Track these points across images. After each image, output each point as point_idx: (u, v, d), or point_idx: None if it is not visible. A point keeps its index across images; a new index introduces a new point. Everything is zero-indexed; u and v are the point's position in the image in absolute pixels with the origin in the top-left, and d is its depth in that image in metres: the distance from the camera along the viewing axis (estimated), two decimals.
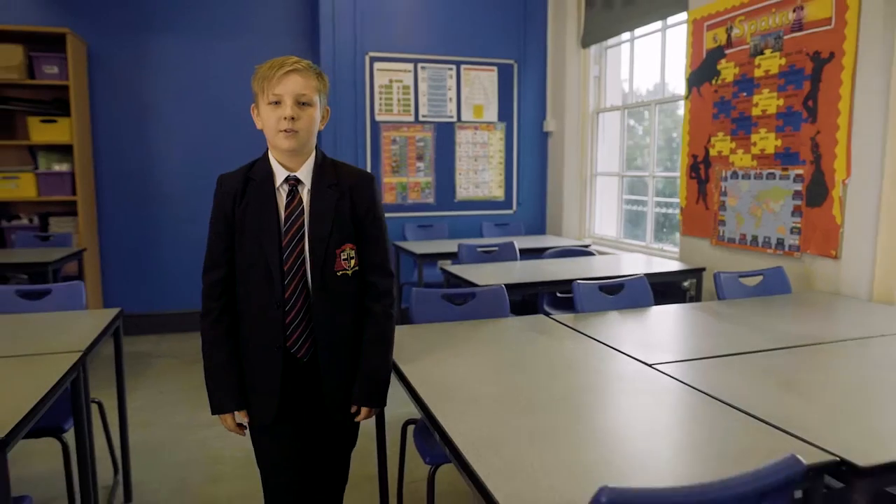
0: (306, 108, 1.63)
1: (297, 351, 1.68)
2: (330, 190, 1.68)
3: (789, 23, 3.17)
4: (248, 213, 1.66)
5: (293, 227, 1.65)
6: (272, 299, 1.65)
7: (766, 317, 2.40)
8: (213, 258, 1.70)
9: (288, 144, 1.63)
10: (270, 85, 1.61)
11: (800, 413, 1.43)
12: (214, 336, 1.70)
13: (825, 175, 3.02)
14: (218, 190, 1.72)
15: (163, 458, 3.07)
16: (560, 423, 1.40)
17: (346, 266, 1.69)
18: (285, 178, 1.68)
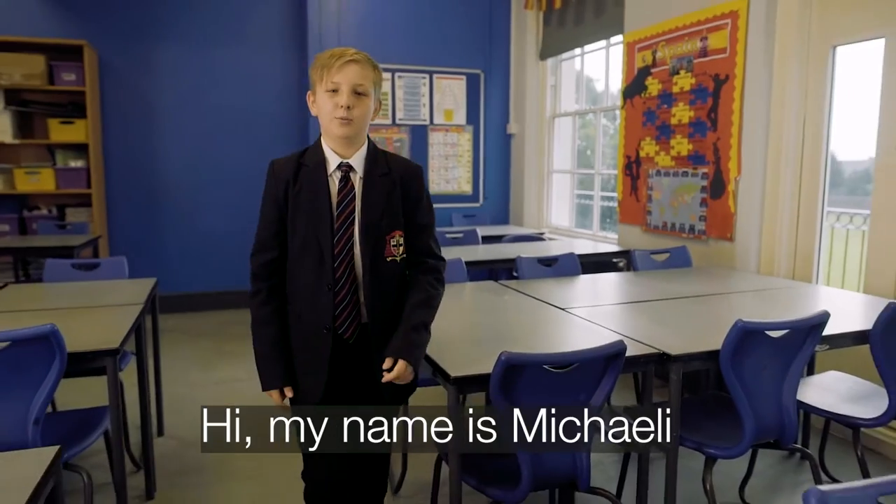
0: (362, 98, 1.68)
1: (345, 332, 1.73)
2: (382, 178, 1.75)
3: (698, 49, 3.91)
4: (301, 198, 1.71)
5: (344, 213, 1.70)
6: (323, 281, 1.70)
7: (662, 281, 3.13)
8: (263, 241, 1.76)
9: (342, 132, 1.68)
10: (330, 73, 1.65)
11: (656, 334, 2.15)
12: (263, 315, 1.75)
13: (723, 173, 3.77)
14: (270, 175, 1.76)
15: (183, 406, 3.69)
16: (496, 339, 2.09)
17: (395, 252, 1.75)
18: (338, 164, 1.72)
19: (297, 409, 1.76)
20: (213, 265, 5.88)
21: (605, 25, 5.04)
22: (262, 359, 1.76)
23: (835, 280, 3.44)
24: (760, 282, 3.15)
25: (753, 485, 2.69)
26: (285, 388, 1.74)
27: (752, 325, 1.87)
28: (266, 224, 1.76)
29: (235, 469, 2.96)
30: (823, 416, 2.36)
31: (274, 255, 1.75)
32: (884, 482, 0.91)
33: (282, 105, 6.01)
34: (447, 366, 1.77)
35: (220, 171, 5.88)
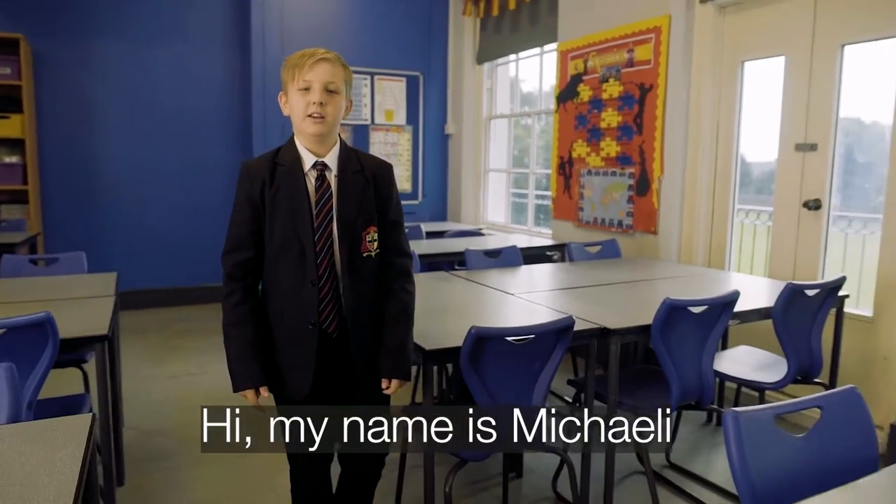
0: (334, 96, 1.71)
1: (328, 327, 1.76)
2: (355, 176, 1.78)
3: (625, 60, 4.28)
4: (279, 197, 1.73)
5: (323, 210, 1.74)
6: (307, 278, 1.73)
7: (595, 270, 3.47)
8: (238, 241, 1.76)
9: (315, 129, 1.70)
10: (302, 72, 1.68)
11: (595, 313, 2.45)
12: (239, 315, 1.76)
13: (648, 173, 4.16)
14: (244, 176, 1.76)
15: (140, 398, 3.78)
16: (456, 320, 2.35)
17: (370, 248, 1.79)
18: (313, 163, 1.75)
19: (284, 410, 1.76)
20: (154, 263, 5.89)
21: (539, 34, 5.38)
22: (237, 358, 1.76)
23: (744, 267, 3.87)
24: (681, 269, 3.53)
25: (678, 447, 3.07)
26: (261, 389, 1.75)
27: (678, 302, 2.20)
28: (240, 224, 1.76)
29: (199, 454, 3.08)
30: (735, 382, 2.74)
31: (250, 254, 1.76)
32: (778, 405, 1.22)
33: (223, 103, 6.07)
34: (420, 342, 2.00)
35: (161, 168, 5.88)
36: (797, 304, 2.55)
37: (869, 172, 3.33)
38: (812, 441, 1.23)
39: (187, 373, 4.29)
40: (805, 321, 2.62)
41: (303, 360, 1.76)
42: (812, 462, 1.20)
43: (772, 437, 1.19)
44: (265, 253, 1.78)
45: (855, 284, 3.24)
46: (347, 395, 1.82)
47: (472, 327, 1.88)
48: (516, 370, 2.01)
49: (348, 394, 1.82)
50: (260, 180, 1.74)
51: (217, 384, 4.03)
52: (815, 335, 2.64)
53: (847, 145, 3.33)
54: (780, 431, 1.20)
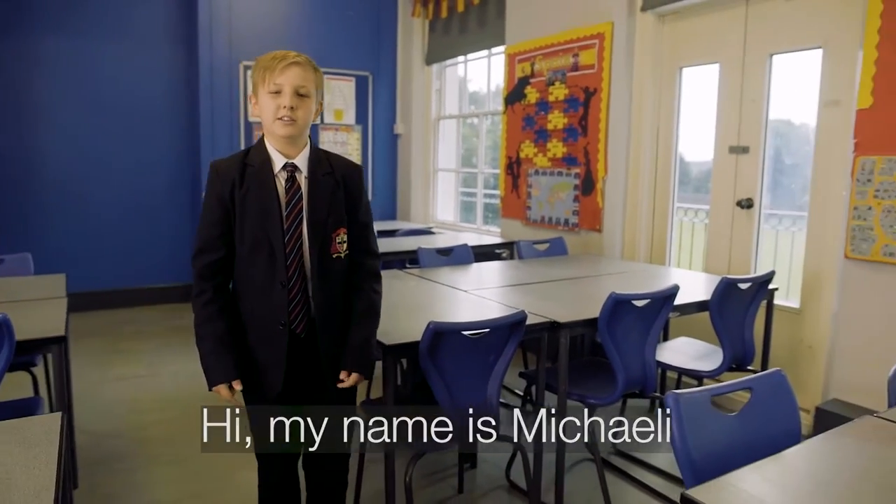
0: (304, 100, 1.72)
1: (297, 327, 1.78)
2: (326, 177, 1.79)
3: (570, 64, 4.44)
4: (249, 198, 1.73)
5: (293, 211, 1.75)
6: (277, 279, 1.74)
7: (544, 267, 3.60)
8: (208, 242, 1.76)
9: (285, 132, 1.71)
10: (273, 75, 1.69)
11: (545, 308, 2.57)
12: (209, 313, 1.76)
13: (592, 173, 4.32)
14: (213, 176, 1.76)
15: (89, 401, 3.72)
16: (412, 316, 2.43)
17: (339, 249, 1.81)
18: (283, 164, 1.76)
19: (254, 409, 1.80)
20: (100, 263, 5.76)
21: (487, 37, 5.50)
22: (209, 355, 1.75)
23: (683, 263, 4.08)
24: (624, 265, 3.70)
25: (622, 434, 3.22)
26: (233, 383, 1.75)
27: (623, 296, 2.34)
28: (210, 225, 1.76)
29: (156, 455, 3.09)
30: (676, 371, 2.91)
31: (220, 254, 1.76)
32: (713, 387, 1.35)
33: (170, 101, 5.98)
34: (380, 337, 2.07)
35: (105, 167, 5.76)
36: (732, 296, 2.72)
37: (795, 173, 3.56)
38: (744, 419, 1.36)
39: (137, 375, 4.23)
40: (739, 313, 2.80)
41: (274, 359, 1.77)
42: (744, 437, 1.33)
43: (708, 416, 1.31)
44: (236, 253, 1.78)
45: (784, 278, 3.47)
46: (315, 395, 1.83)
47: (431, 322, 1.97)
48: (472, 363, 2.10)
49: (316, 394, 1.83)
50: (230, 181, 1.74)
51: (168, 386, 4.00)
52: (748, 326, 2.83)
53: (776, 147, 3.56)
54: (715, 411, 1.33)
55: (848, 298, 3.05)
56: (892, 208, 2.84)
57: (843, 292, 3.07)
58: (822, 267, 3.21)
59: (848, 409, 2.94)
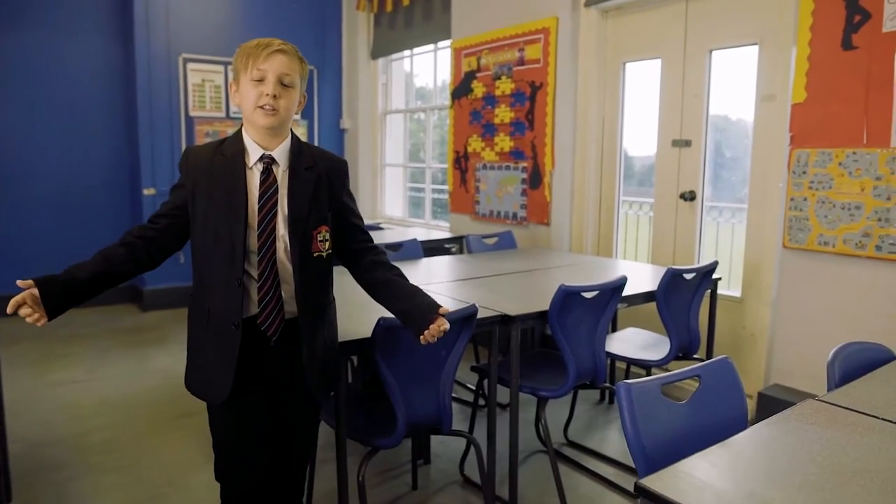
0: (288, 90, 1.64)
1: (268, 328, 1.69)
2: (308, 172, 1.71)
3: (516, 59, 4.46)
4: (216, 190, 1.66)
5: (266, 206, 1.66)
6: (233, 276, 1.65)
7: (493, 261, 3.61)
8: (156, 218, 1.73)
9: (266, 121, 1.63)
10: (256, 62, 1.61)
11: (496, 301, 2.57)
12: (109, 247, 1.67)
13: (540, 167, 4.36)
14: (184, 161, 1.72)
15: (24, 409, 3.55)
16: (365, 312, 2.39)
17: (321, 248, 1.73)
18: (260, 156, 1.67)
19: (211, 407, 1.77)
20: (28, 265, 5.47)
21: (433, 31, 5.48)
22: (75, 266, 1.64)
23: (629, 255, 4.15)
24: (572, 258, 3.75)
25: (575, 426, 3.26)
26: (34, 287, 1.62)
27: (572, 288, 2.35)
28: (166, 205, 1.73)
29: (97, 463, 2.97)
30: (625, 361, 2.96)
31: (154, 232, 1.70)
32: (662, 376, 1.36)
33: (103, 94, 5.75)
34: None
35: (33, 163, 5.50)
36: (677, 287, 2.78)
37: (735, 166, 3.67)
38: (693, 406, 1.38)
39: (73, 380, 4.06)
40: (684, 303, 2.87)
41: (224, 362, 1.67)
42: (694, 425, 1.35)
43: (659, 405, 1.33)
44: (194, 245, 1.72)
45: (726, 268, 3.57)
46: (275, 399, 1.76)
47: (381, 319, 1.94)
48: (424, 359, 2.09)
49: (277, 398, 1.76)
50: (201, 169, 1.68)
51: (109, 390, 3.85)
52: (693, 315, 2.90)
53: (716, 141, 3.66)
54: (665, 400, 1.34)
55: (786, 286, 3.16)
56: (826, 199, 2.95)
57: (782, 281, 3.17)
58: (762, 257, 3.31)
59: (789, 394, 3.04)
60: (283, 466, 1.83)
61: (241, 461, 1.77)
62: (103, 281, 1.65)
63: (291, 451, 1.84)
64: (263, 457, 1.78)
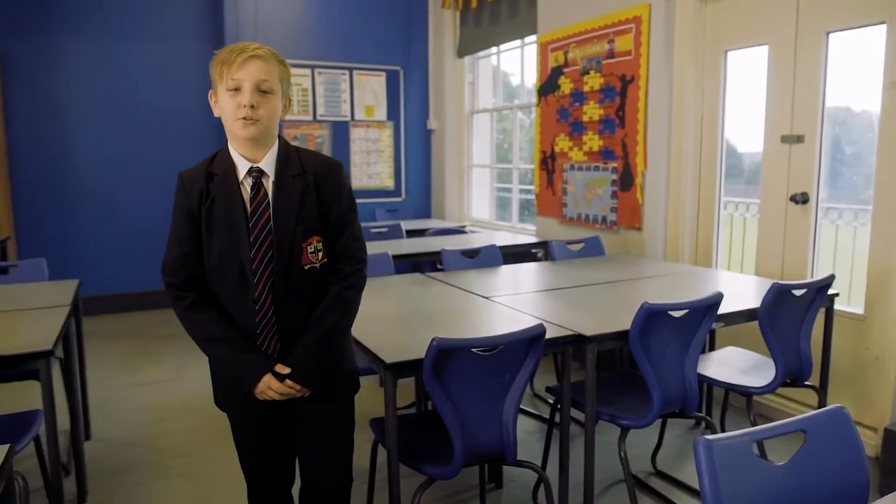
0: (267, 97, 1.56)
1: (267, 348, 1.62)
2: (294, 180, 1.61)
3: (605, 51, 4.16)
4: (214, 210, 1.59)
5: (260, 222, 1.58)
6: (248, 297, 1.59)
7: (577, 269, 3.35)
8: (186, 259, 1.62)
9: (246, 133, 1.55)
10: (230, 70, 1.53)
11: (573, 317, 2.33)
12: (210, 317, 1.61)
13: (631, 167, 4.04)
14: (180, 189, 1.64)
15: (110, 407, 3.66)
16: (425, 327, 2.22)
17: (313, 259, 1.63)
18: (248, 170, 1.60)
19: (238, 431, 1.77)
20: (130, 265, 5.74)
21: (519, 26, 5.25)
22: (234, 354, 1.60)
23: (734, 263, 3.76)
24: (666, 267, 3.42)
25: (664, 454, 2.95)
26: (276, 368, 1.59)
27: (657, 306, 2.08)
28: (182, 241, 1.62)
29: (169, 467, 2.98)
30: (721, 386, 2.62)
31: (199, 270, 1.63)
32: (755, 430, 1.10)
33: (197, 101, 5.89)
34: (382, 353, 1.87)
35: (136, 168, 5.73)
36: (784, 304, 2.43)
37: (857, 164, 3.22)
38: (794, 469, 1.11)
39: (161, 379, 4.15)
40: (793, 322, 2.51)
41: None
42: (795, 492, 1.08)
43: (749, 467, 1.07)
44: (205, 268, 1.64)
45: (846, 280, 3.14)
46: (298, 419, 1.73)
47: (434, 339, 1.76)
48: (485, 382, 1.89)
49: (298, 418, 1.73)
50: (196, 193, 1.61)
51: (191, 391, 3.90)
52: (803, 336, 2.53)
53: (834, 136, 3.22)
54: (758, 460, 1.08)
55: None
56: None
57: None
58: (891, 266, 2.87)
59: None
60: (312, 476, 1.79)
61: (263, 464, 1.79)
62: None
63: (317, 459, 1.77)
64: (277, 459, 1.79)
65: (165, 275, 1.64)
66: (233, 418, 1.77)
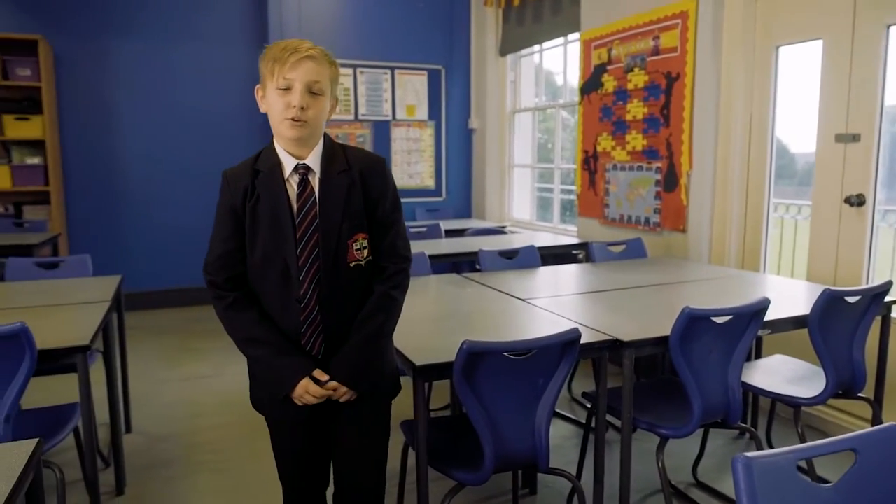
0: (317, 98, 1.54)
1: (311, 349, 1.60)
2: (340, 176, 1.60)
3: (650, 48, 4.05)
4: (259, 207, 1.57)
5: (307, 218, 1.57)
6: (291, 295, 1.57)
7: (618, 272, 3.26)
8: (228, 258, 1.61)
9: (293, 133, 1.54)
10: (282, 69, 1.51)
11: (611, 322, 2.26)
12: (251, 317, 1.59)
13: (676, 167, 3.92)
14: (225, 187, 1.63)
15: (150, 401, 3.72)
16: (459, 329, 2.18)
17: (358, 257, 1.61)
18: (294, 166, 1.59)
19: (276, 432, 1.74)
20: (175, 262, 5.85)
21: (562, 23, 5.16)
22: (273, 357, 1.57)
23: (784, 267, 3.61)
24: (711, 271, 3.30)
25: (706, 464, 2.85)
26: (315, 373, 1.57)
27: (698, 311, 1.99)
28: (225, 239, 1.61)
29: (202, 462, 3.00)
30: (767, 396, 2.51)
31: (241, 269, 1.62)
32: (801, 448, 1.02)
33: (242, 101, 5.98)
34: (412, 356, 1.84)
35: (181, 167, 5.84)
36: (836, 311, 2.31)
37: None
38: (844, 491, 1.03)
39: (201, 375, 4.21)
40: (845, 330, 2.38)
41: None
42: None
43: (793, 487, 0.99)
44: (248, 267, 1.63)
45: None
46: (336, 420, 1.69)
47: (465, 342, 1.71)
48: (517, 387, 1.83)
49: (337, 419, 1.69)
50: (241, 190, 1.59)
51: (230, 387, 3.94)
52: (857, 346, 2.40)
53: (893, 135, 3.06)
54: (803, 480, 1.00)
55: None
56: None
57: None
58: None
59: None
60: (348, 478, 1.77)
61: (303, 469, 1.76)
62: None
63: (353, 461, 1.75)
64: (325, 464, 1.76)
65: (207, 273, 1.64)
66: (271, 422, 1.75)
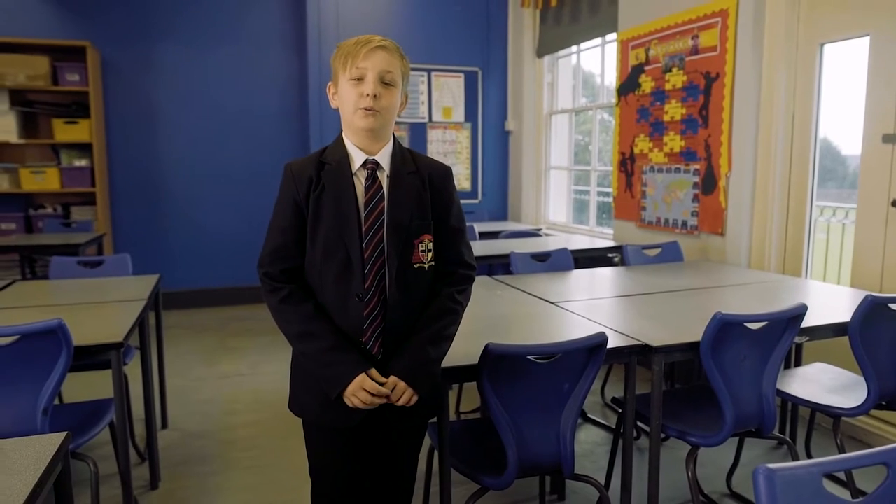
0: (389, 89, 1.55)
1: (372, 347, 1.56)
2: (410, 176, 1.60)
3: (689, 48, 3.97)
4: (324, 200, 1.55)
5: (373, 214, 1.55)
6: (353, 290, 1.54)
7: (652, 276, 3.20)
8: (284, 249, 1.59)
9: (366, 123, 1.53)
10: (356, 60, 1.52)
11: (642, 326, 2.22)
12: (307, 310, 1.55)
13: (714, 169, 3.83)
14: (288, 177, 1.58)
15: (187, 398, 3.80)
16: (487, 332, 2.17)
17: (423, 259, 1.60)
18: (363, 161, 1.57)
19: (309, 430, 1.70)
20: (215, 262, 5.98)
21: (599, 23, 5.10)
22: (327, 353, 1.51)
23: (830, 273, 3.49)
24: (750, 276, 3.22)
25: (740, 474, 2.77)
26: (370, 372, 1.51)
27: (731, 317, 1.94)
28: (283, 230, 1.58)
29: (237, 459, 3.05)
30: (805, 405, 2.43)
31: (298, 262, 1.59)
32: (827, 461, 0.98)
33: (281, 103, 6.09)
34: None
35: (222, 168, 5.96)
36: (880, 319, 2.22)
37: None
38: None
39: (238, 373, 4.28)
40: (890, 339, 2.29)
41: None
42: None
43: (818, 501, 0.95)
44: (306, 261, 1.60)
45: None
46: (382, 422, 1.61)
47: (489, 344, 1.70)
48: (542, 391, 1.81)
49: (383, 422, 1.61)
50: (306, 181, 1.56)
51: (265, 386, 4.00)
52: None
53: None
54: (829, 495, 0.96)
55: None
56: None
57: None
58: None
59: None
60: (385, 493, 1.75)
61: (342, 487, 1.69)
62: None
63: (394, 479, 1.75)
64: (362, 483, 1.71)
65: (261, 266, 1.60)
66: (313, 430, 1.69)
